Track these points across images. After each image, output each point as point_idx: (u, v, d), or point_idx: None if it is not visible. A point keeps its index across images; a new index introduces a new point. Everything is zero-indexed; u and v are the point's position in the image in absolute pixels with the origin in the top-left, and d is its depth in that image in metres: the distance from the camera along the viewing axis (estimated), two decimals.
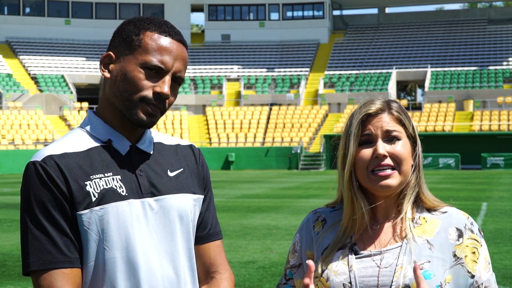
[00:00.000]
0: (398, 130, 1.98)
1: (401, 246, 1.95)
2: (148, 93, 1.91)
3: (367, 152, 1.96)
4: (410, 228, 1.97)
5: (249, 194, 22.42)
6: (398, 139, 1.98)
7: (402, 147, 1.97)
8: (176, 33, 1.96)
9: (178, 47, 1.95)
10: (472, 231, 1.99)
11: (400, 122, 1.99)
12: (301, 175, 36.44)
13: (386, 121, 1.98)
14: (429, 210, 2.02)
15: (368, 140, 1.98)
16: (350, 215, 2.00)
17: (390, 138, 1.97)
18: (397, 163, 1.96)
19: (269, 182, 29.91)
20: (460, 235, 1.97)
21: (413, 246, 1.94)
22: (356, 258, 1.97)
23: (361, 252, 1.98)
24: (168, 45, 1.93)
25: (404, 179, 1.97)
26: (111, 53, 1.96)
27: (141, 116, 1.92)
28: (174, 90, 1.96)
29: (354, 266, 1.96)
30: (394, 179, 1.96)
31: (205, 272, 2.08)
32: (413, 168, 2.00)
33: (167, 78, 1.92)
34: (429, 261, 1.92)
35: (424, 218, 2.00)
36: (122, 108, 1.94)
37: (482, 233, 2.03)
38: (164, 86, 1.91)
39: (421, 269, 1.89)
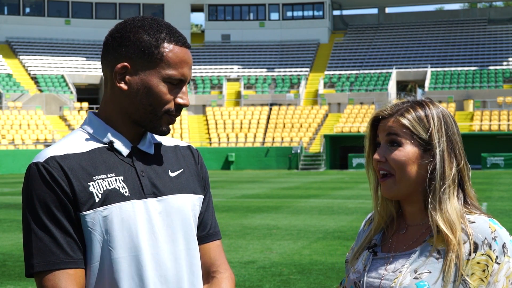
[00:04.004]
0: (400, 135, 1.93)
1: (411, 253, 1.93)
2: (172, 105, 1.97)
3: (375, 156, 1.97)
4: (420, 236, 1.95)
5: (249, 194, 22.42)
6: (399, 145, 1.93)
7: (399, 153, 1.92)
8: (185, 39, 2.00)
9: (190, 55, 2.00)
10: (490, 247, 1.86)
11: (407, 128, 1.93)
12: (301, 175, 36.44)
13: (390, 126, 1.95)
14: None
15: (379, 144, 1.98)
16: (376, 216, 2.05)
17: (391, 143, 1.94)
18: (394, 169, 1.93)
19: (269, 182, 29.91)
20: (475, 249, 1.86)
21: (424, 254, 1.91)
22: (373, 259, 1.99)
23: (379, 254, 1.99)
24: (185, 56, 1.98)
25: (405, 186, 1.93)
26: (126, 64, 1.95)
27: (165, 128, 1.98)
28: None
29: (368, 266, 1.98)
30: (387, 186, 1.94)
31: (206, 272, 2.10)
32: (429, 175, 1.92)
33: (185, 88, 1.99)
34: (430, 272, 1.88)
35: None
36: (143, 120, 1.97)
37: (507, 249, 1.88)
38: (186, 97, 1.98)
39: (418, 278, 1.87)
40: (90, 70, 55.21)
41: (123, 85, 1.95)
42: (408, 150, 1.93)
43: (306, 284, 8.14)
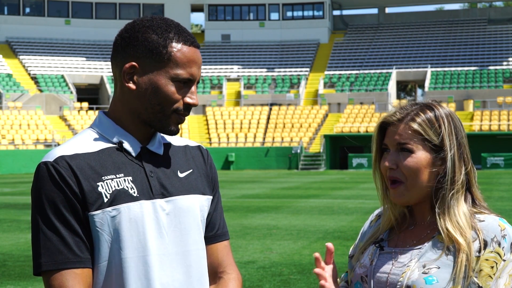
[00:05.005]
0: (411, 142, 1.92)
1: (419, 248, 1.93)
2: (180, 104, 1.96)
3: (386, 163, 1.96)
4: (428, 233, 1.96)
5: (249, 194, 22.42)
6: (410, 152, 1.92)
7: (411, 160, 1.91)
8: (194, 38, 2.00)
9: (199, 54, 2.00)
10: (499, 244, 1.88)
11: (419, 133, 1.92)
12: (301, 175, 36.44)
13: (400, 133, 1.93)
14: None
15: (388, 149, 1.97)
16: (386, 216, 2.05)
17: (402, 149, 1.93)
18: (405, 176, 1.92)
19: (269, 182, 29.91)
20: (484, 247, 1.88)
21: (430, 250, 1.92)
22: (380, 254, 1.99)
23: (386, 248, 1.99)
24: (194, 56, 1.97)
25: (416, 192, 1.93)
26: (134, 63, 1.95)
27: (174, 127, 1.99)
28: None
29: (375, 261, 1.98)
30: (399, 194, 1.94)
31: (213, 272, 2.10)
32: (439, 179, 1.92)
33: (194, 88, 1.98)
34: (439, 267, 1.88)
35: None
36: (151, 120, 1.97)
37: None
38: (194, 96, 1.98)
39: (426, 273, 1.88)
40: (90, 70, 55.22)
41: (131, 85, 1.95)
42: (420, 156, 1.92)
43: (306, 284, 8.15)
